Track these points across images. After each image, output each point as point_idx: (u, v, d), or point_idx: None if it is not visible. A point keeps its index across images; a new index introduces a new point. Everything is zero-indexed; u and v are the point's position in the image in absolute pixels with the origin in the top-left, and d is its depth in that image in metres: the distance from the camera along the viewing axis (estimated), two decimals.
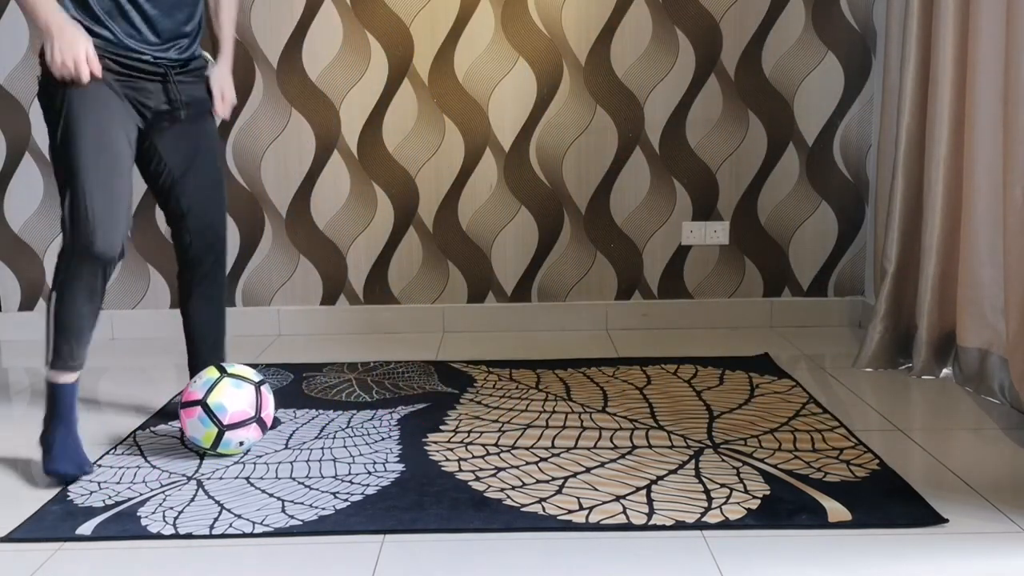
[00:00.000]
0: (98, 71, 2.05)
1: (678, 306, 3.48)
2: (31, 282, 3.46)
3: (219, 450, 2.23)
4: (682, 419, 2.46)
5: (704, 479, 2.07)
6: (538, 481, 2.08)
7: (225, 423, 2.19)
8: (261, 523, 1.90)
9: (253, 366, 3.03)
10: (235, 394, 2.21)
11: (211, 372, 2.26)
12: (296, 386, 2.82)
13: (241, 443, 2.23)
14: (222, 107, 2.36)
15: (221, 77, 2.36)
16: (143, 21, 2.12)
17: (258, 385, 2.27)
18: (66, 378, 2.15)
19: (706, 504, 1.94)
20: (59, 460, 2.12)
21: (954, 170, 2.70)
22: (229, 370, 2.26)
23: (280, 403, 2.65)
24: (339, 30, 3.31)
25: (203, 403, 2.19)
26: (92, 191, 2.06)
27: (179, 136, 2.28)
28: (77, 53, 2.01)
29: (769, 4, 3.30)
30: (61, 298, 2.11)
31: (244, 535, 1.86)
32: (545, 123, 3.37)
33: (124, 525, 1.91)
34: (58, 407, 2.17)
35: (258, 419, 2.24)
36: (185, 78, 2.24)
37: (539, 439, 2.33)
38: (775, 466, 2.13)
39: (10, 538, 1.87)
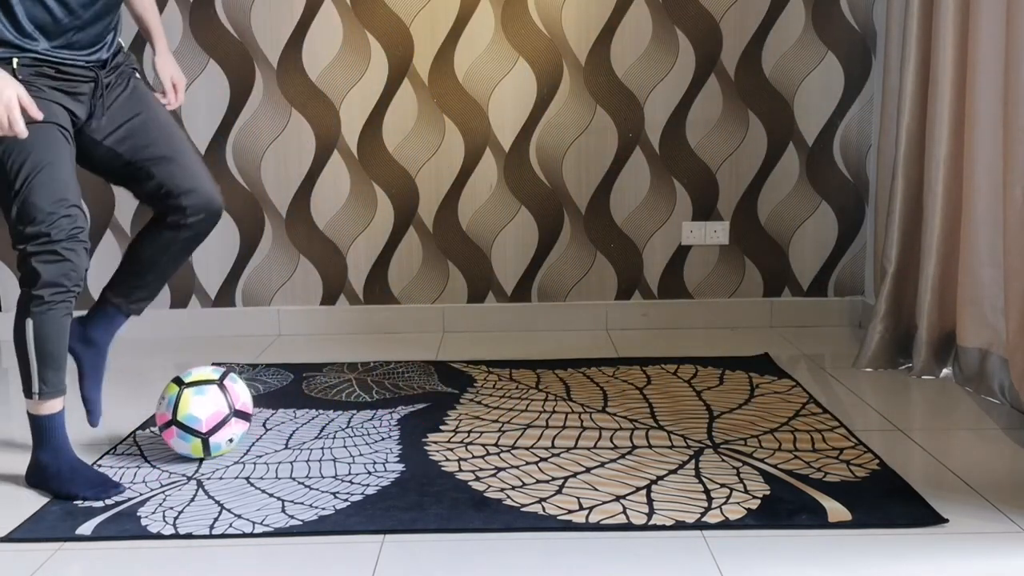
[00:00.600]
0: (37, 115, 1.92)
1: (678, 306, 3.48)
2: None
3: (213, 455, 2.23)
4: (682, 419, 2.46)
5: (704, 479, 2.07)
6: (538, 481, 2.08)
7: (204, 431, 2.18)
8: (261, 523, 1.90)
9: (252, 366, 3.03)
10: (201, 401, 2.19)
11: (170, 389, 2.23)
12: (296, 386, 2.82)
13: (230, 440, 2.23)
14: (173, 94, 2.27)
15: (166, 64, 2.28)
16: (74, 31, 2.03)
17: (220, 382, 2.23)
18: (58, 405, 2.10)
19: (706, 504, 1.94)
20: (81, 486, 2.05)
21: (954, 170, 2.70)
22: (186, 380, 2.23)
23: (280, 403, 2.65)
24: (339, 30, 3.31)
25: (175, 421, 2.18)
26: (60, 221, 1.97)
27: (118, 120, 2.14)
28: (9, 101, 1.86)
29: (769, 4, 3.30)
30: (42, 326, 2.02)
31: (244, 535, 1.86)
32: (545, 123, 3.37)
33: (124, 525, 1.91)
34: (56, 438, 2.10)
35: (235, 412, 2.22)
36: (111, 74, 2.15)
37: (539, 439, 2.33)
38: (775, 466, 2.13)
39: (10, 538, 1.87)
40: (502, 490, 2.03)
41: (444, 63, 3.33)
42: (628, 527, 1.85)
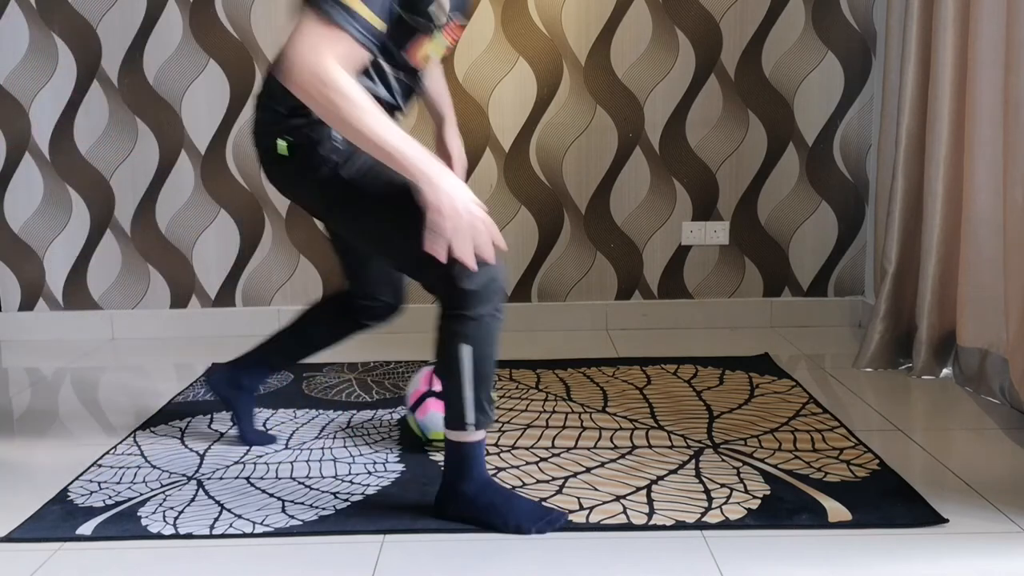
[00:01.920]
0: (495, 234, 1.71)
1: (678, 306, 3.48)
2: (31, 282, 3.47)
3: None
4: (682, 419, 2.46)
5: (704, 479, 2.07)
6: (538, 481, 2.08)
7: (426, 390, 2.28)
8: (261, 523, 1.90)
9: None
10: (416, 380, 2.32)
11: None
12: (296, 386, 2.82)
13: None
14: (460, 172, 2.22)
15: (455, 138, 2.22)
16: (406, 98, 1.98)
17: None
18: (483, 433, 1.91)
19: (706, 504, 1.94)
20: (526, 518, 1.87)
21: (954, 170, 2.70)
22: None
23: (280, 403, 2.65)
24: None
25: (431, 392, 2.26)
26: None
27: None
28: (468, 201, 1.66)
29: (769, 4, 3.30)
30: (483, 345, 1.81)
31: (244, 535, 1.86)
32: (545, 123, 3.37)
33: (124, 525, 1.91)
34: (482, 463, 1.91)
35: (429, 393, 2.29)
36: None
37: (539, 439, 2.33)
38: (775, 466, 2.13)
39: (10, 538, 1.87)
40: None
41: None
42: (628, 527, 1.85)
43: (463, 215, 1.64)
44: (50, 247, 3.45)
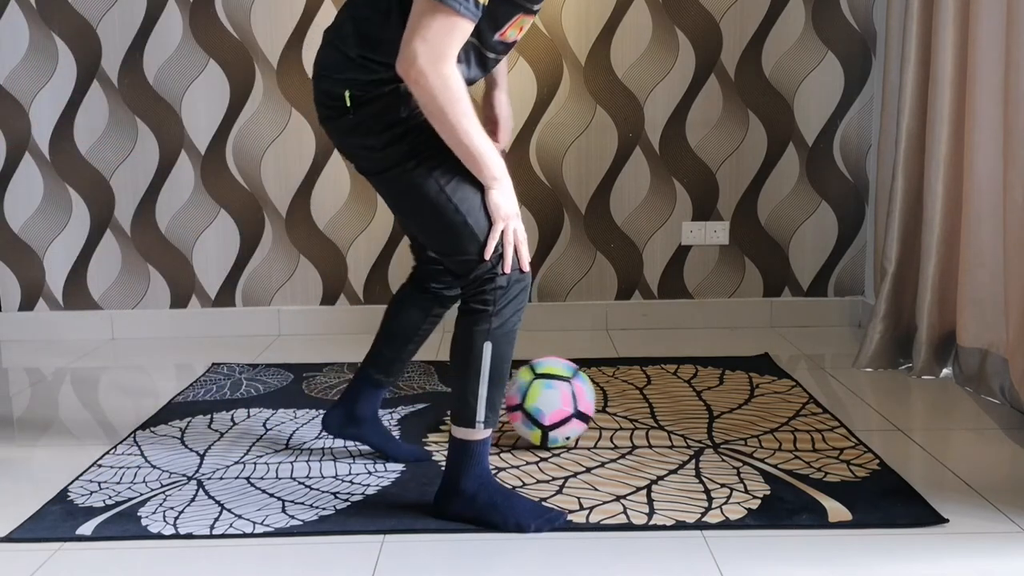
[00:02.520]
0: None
1: (678, 306, 3.48)
2: (31, 282, 3.46)
3: (550, 446, 2.25)
4: (682, 419, 2.46)
5: (704, 479, 2.07)
6: (538, 481, 2.08)
7: (546, 424, 2.20)
8: (261, 523, 1.90)
9: (252, 366, 3.03)
10: (548, 395, 2.19)
11: (523, 375, 2.25)
12: (296, 386, 2.81)
13: (567, 437, 2.24)
14: (506, 134, 2.24)
15: (505, 102, 2.23)
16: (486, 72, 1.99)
17: (571, 380, 2.24)
18: (488, 433, 1.90)
19: (706, 504, 1.94)
20: (525, 515, 1.87)
21: (954, 170, 2.70)
22: (539, 370, 2.25)
23: (280, 403, 2.65)
24: None
25: (522, 408, 2.21)
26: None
27: None
28: (517, 210, 1.81)
29: (769, 4, 3.30)
30: (502, 345, 1.84)
31: (244, 535, 1.86)
32: (545, 123, 3.37)
33: (124, 525, 1.91)
34: (485, 462, 1.90)
35: (577, 413, 2.22)
36: None
37: None
38: (775, 466, 2.13)
39: (10, 538, 1.87)
40: None
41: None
42: (628, 527, 1.85)
43: (515, 222, 1.80)
44: (50, 247, 3.45)
